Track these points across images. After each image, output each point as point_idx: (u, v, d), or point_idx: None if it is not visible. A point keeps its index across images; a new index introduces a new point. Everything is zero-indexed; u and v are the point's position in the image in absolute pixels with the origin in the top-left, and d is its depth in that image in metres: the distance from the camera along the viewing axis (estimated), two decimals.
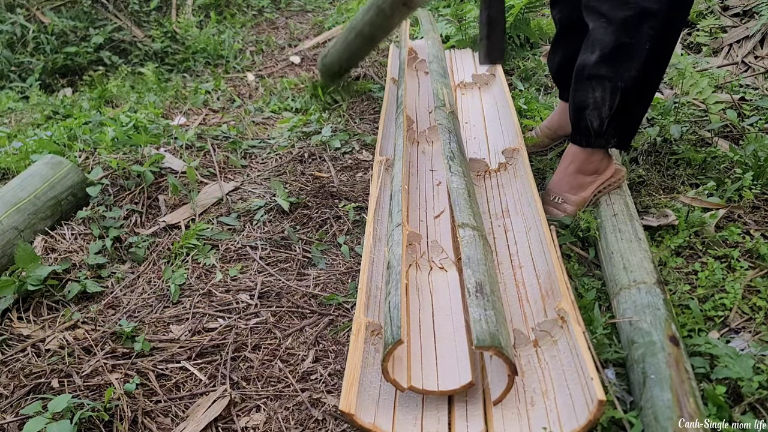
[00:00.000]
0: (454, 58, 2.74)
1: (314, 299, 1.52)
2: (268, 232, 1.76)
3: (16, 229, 1.64)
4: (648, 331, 1.16)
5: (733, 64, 2.38)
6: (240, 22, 4.24)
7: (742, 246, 1.49)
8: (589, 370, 1.02)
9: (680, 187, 1.77)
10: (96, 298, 1.55)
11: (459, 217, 1.36)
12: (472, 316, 1.10)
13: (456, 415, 1.11)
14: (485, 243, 1.32)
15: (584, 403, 1.01)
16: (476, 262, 1.23)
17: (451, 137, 1.70)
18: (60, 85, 3.52)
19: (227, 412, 1.22)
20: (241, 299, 1.52)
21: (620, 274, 1.34)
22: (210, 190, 1.96)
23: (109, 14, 3.89)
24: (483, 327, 1.07)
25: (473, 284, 1.17)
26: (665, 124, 1.95)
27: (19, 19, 3.66)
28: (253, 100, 2.93)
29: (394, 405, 1.14)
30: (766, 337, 1.24)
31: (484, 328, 1.07)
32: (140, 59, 3.67)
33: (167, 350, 1.37)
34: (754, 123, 1.97)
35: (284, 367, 1.32)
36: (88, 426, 1.17)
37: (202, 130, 2.35)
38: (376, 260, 1.51)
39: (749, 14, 2.62)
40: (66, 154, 2.10)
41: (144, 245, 1.72)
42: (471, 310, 1.11)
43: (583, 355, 1.06)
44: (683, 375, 1.05)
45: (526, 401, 1.11)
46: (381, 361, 1.09)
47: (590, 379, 1.00)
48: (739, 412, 1.07)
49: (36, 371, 1.30)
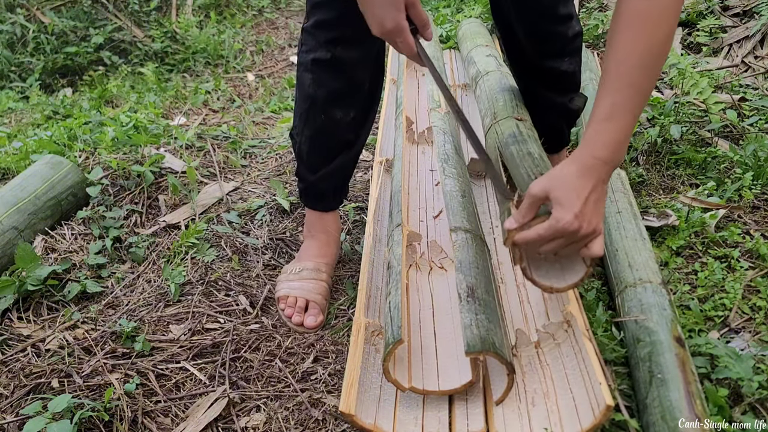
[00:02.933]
0: (454, 58, 2.74)
1: None
2: (269, 231, 1.76)
3: (16, 229, 1.64)
4: (654, 330, 1.15)
5: (733, 66, 2.38)
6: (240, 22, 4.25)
7: (742, 246, 1.49)
8: (597, 374, 1.02)
9: (680, 187, 1.77)
10: (96, 298, 1.55)
11: (452, 221, 1.36)
12: (462, 321, 1.10)
13: (456, 413, 1.11)
14: (479, 244, 1.32)
15: (588, 406, 1.01)
16: (468, 265, 1.23)
17: (446, 139, 1.70)
18: (60, 85, 3.52)
19: (227, 412, 1.22)
20: (241, 300, 1.52)
21: (625, 271, 1.33)
22: (210, 190, 1.96)
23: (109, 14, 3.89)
24: (474, 332, 1.07)
25: (464, 289, 1.16)
26: (665, 124, 1.95)
27: (19, 19, 3.66)
28: (253, 100, 2.93)
29: (394, 405, 1.14)
30: (766, 337, 1.24)
31: (474, 333, 1.07)
32: (140, 59, 3.67)
33: (167, 350, 1.37)
34: (754, 123, 1.97)
35: (284, 367, 1.32)
36: (88, 426, 1.17)
37: (202, 130, 2.35)
38: (376, 261, 1.51)
39: (749, 14, 2.62)
40: (66, 154, 2.10)
41: (144, 245, 1.72)
42: (461, 316, 1.11)
43: (590, 359, 1.06)
44: (690, 376, 1.05)
45: (527, 401, 1.11)
46: (382, 361, 1.09)
47: (597, 384, 1.00)
48: (739, 412, 1.07)
49: (36, 371, 1.30)
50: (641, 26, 0.92)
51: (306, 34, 1.37)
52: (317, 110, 1.39)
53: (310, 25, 1.36)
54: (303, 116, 1.42)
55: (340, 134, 1.44)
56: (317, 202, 1.54)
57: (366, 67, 1.39)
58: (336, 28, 1.32)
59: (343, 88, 1.37)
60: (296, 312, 1.43)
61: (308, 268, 1.50)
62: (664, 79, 2.40)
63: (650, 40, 0.93)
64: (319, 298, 1.46)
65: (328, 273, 1.53)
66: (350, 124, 1.44)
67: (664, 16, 0.93)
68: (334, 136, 1.44)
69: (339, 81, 1.36)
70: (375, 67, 1.43)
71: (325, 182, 1.49)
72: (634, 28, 0.93)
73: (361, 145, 1.52)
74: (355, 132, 1.47)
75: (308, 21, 1.37)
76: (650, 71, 0.95)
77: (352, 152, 1.50)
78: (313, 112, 1.39)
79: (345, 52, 1.33)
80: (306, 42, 1.38)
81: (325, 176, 1.48)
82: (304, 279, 1.48)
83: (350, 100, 1.40)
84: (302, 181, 1.52)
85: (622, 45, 0.94)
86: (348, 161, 1.51)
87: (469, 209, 1.43)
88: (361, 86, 1.41)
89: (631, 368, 1.18)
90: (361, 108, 1.44)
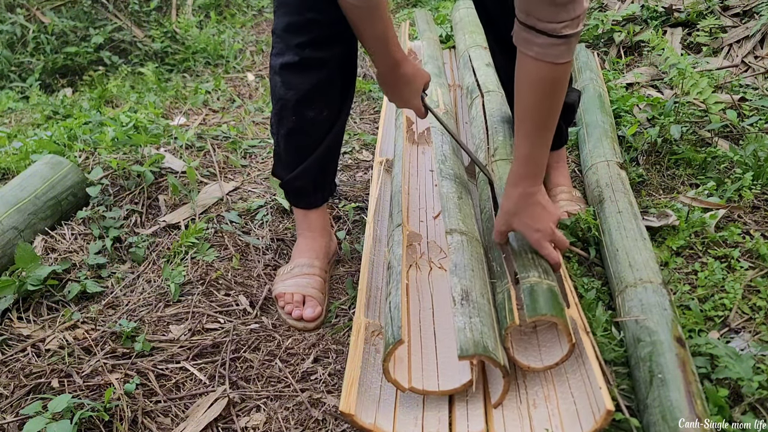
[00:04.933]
0: (454, 58, 2.74)
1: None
2: (269, 231, 1.76)
3: (16, 229, 1.64)
4: (655, 330, 1.15)
5: (733, 66, 2.38)
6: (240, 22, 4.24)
7: (742, 246, 1.49)
8: (597, 379, 1.02)
9: (680, 187, 1.77)
10: (96, 298, 1.55)
11: (447, 223, 1.36)
12: (456, 325, 1.10)
13: (456, 414, 1.11)
14: (475, 246, 1.32)
15: (589, 410, 1.01)
16: (462, 268, 1.23)
17: (444, 140, 1.70)
18: (60, 85, 3.52)
19: (227, 412, 1.22)
20: (241, 300, 1.52)
21: (626, 271, 1.33)
22: (210, 190, 1.96)
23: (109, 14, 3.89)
24: (467, 335, 1.07)
25: (458, 292, 1.16)
26: (665, 124, 1.95)
27: (19, 19, 3.66)
28: (253, 100, 2.93)
29: (394, 405, 1.14)
30: (766, 337, 1.24)
31: (468, 336, 1.07)
32: (140, 59, 3.67)
33: (167, 350, 1.37)
34: (754, 123, 1.97)
35: (284, 367, 1.32)
36: (88, 426, 1.17)
37: (202, 130, 2.35)
38: (376, 261, 1.51)
39: (749, 14, 2.62)
40: (66, 154, 2.10)
41: (144, 245, 1.72)
42: (456, 319, 1.11)
43: (591, 362, 1.06)
44: (690, 377, 1.05)
45: (528, 403, 1.11)
46: (382, 361, 1.09)
47: (598, 389, 1.00)
48: (740, 412, 1.07)
49: (36, 371, 1.30)
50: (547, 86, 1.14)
51: (275, 37, 1.39)
52: (288, 111, 1.42)
53: (279, 29, 1.38)
54: (276, 116, 1.45)
55: (313, 133, 1.47)
56: (298, 199, 1.58)
57: (337, 67, 1.41)
58: (305, 31, 1.34)
59: (313, 89, 1.39)
60: (295, 306, 1.46)
61: (300, 264, 1.53)
62: (664, 79, 2.40)
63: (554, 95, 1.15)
64: (314, 292, 1.48)
65: (322, 267, 1.55)
66: (323, 123, 1.47)
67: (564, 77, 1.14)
68: (307, 135, 1.47)
69: (308, 83, 1.39)
70: (346, 65, 1.45)
71: (302, 180, 1.52)
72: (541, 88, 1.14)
73: (336, 141, 1.55)
74: (329, 129, 1.49)
75: (277, 24, 1.38)
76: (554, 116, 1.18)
77: (326, 149, 1.51)
78: (285, 113, 1.43)
79: (314, 53, 1.36)
80: (275, 45, 1.39)
81: (302, 174, 1.51)
82: (296, 275, 1.51)
83: (322, 99, 1.43)
84: (280, 179, 1.56)
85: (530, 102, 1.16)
86: (324, 158, 1.52)
87: (465, 211, 1.43)
88: (332, 85, 1.43)
89: (631, 368, 1.18)
90: (333, 105, 1.47)
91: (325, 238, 1.61)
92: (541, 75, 1.12)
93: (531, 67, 1.12)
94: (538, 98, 1.14)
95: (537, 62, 1.10)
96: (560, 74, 1.13)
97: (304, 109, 1.41)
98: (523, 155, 1.21)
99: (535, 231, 1.21)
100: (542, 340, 1.17)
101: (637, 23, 2.78)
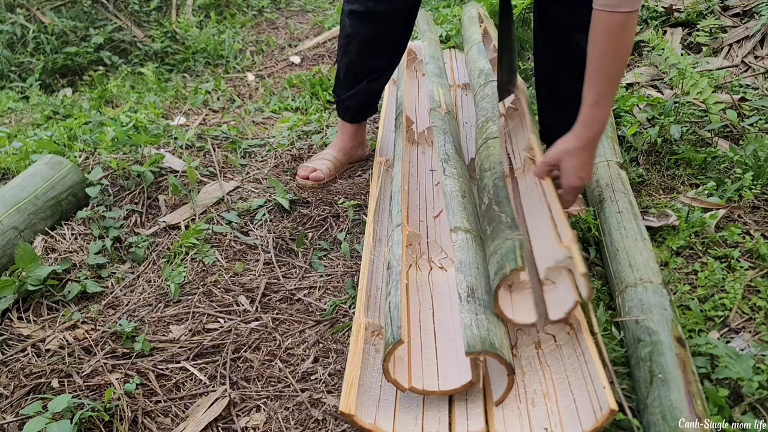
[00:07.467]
0: (454, 57, 2.74)
1: (314, 299, 1.52)
2: (270, 231, 1.76)
3: (16, 229, 1.64)
4: (655, 330, 1.15)
5: (733, 66, 2.38)
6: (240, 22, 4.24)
7: (742, 246, 1.49)
8: (601, 378, 1.02)
9: (680, 187, 1.77)
10: (96, 298, 1.55)
11: (451, 221, 1.36)
12: (462, 321, 1.10)
13: (456, 413, 1.11)
14: (479, 244, 1.32)
15: (590, 408, 1.01)
16: (468, 265, 1.23)
17: (447, 139, 1.70)
18: (60, 85, 3.52)
19: (227, 412, 1.22)
20: (242, 300, 1.52)
21: (626, 271, 1.33)
22: (210, 189, 1.96)
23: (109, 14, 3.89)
24: (473, 332, 1.07)
25: (464, 289, 1.17)
26: (665, 124, 1.95)
27: (19, 19, 3.66)
28: (253, 100, 2.93)
29: (394, 405, 1.14)
30: (766, 337, 1.24)
31: (474, 333, 1.07)
32: (140, 59, 3.67)
33: (167, 350, 1.37)
34: (754, 123, 1.97)
35: (284, 368, 1.32)
36: (88, 426, 1.17)
37: (202, 130, 2.35)
38: (376, 261, 1.51)
39: (749, 14, 2.62)
40: (66, 154, 2.10)
41: (144, 245, 1.72)
42: (461, 316, 1.11)
43: (593, 361, 1.06)
44: (690, 377, 1.05)
45: (527, 401, 1.11)
46: (382, 361, 1.09)
47: (601, 387, 1.00)
48: (740, 412, 1.07)
49: (36, 371, 1.30)
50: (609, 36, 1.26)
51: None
52: (352, 47, 1.80)
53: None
54: (342, 48, 1.84)
55: (368, 67, 1.84)
56: (345, 114, 1.97)
57: (395, 21, 1.73)
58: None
59: (372, 35, 1.76)
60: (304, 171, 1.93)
61: (325, 153, 2.00)
62: (664, 79, 2.40)
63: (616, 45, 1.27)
64: (323, 167, 1.94)
65: (339, 159, 1.99)
66: (378, 62, 1.84)
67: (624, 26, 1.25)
68: (363, 67, 1.84)
69: (368, 31, 1.75)
70: (404, 22, 1.76)
71: (351, 100, 1.91)
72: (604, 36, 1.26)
73: (386, 78, 1.91)
74: (382, 68, 1.86)
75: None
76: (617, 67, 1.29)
77: (376, 83, 1.88)
78: (350, 47, 1.81)
79: (377, 6, 1.68)
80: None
81: (353, 96, 1.90)
82: (315, 159, 1.99)
83: (379, 45, 1.79)
84: (336, 96, 1.95)
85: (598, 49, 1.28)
86: (372, 87, 1.89)
87: (468, 209, 1.43)
88: (389, 36, 1.78)
89: (631, 368, 1.18)
90: (388, 52, 1.83)
91: (353, 143, 2.01)
92: (604, 24, 1.24)
93: (596, 17, 1.25)
94: (604, 47, 1.27)
95: (599, 12, 1.24)
96: (621, 22, 1.23)
97: (363, 49, 1.79)
98: (589, 103, 1.31)
99: (578, 177, 1.34)
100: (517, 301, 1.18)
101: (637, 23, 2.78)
